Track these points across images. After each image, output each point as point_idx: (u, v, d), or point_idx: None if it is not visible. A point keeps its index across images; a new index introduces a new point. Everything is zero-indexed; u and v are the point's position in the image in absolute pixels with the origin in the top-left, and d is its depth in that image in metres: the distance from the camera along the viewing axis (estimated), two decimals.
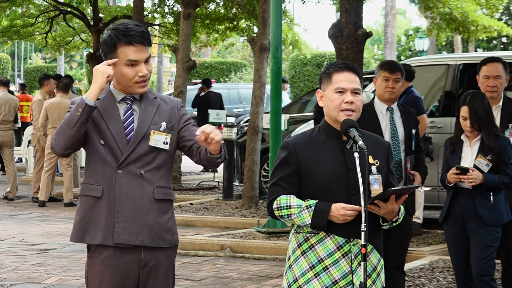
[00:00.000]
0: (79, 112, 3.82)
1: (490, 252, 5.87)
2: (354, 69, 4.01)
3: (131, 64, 3.93)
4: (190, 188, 14.94)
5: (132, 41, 3.91)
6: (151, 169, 3.97)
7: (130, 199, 3.94)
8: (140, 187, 3.95)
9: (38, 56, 58.70)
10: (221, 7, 18.33)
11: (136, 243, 3.95)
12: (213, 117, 15.45)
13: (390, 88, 6.21)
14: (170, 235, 4.04)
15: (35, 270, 8.39)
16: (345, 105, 3.93)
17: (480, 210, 5.88)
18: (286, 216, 3.93)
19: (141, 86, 3.97)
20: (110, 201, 3.94)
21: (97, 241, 3.94)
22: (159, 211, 4.00)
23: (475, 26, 16.53)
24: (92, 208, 3.96)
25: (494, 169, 5.90)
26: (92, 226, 3.96)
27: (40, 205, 13.29)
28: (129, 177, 3.94)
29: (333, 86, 3.97)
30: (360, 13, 8.55)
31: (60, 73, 35.57)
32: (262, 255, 9.15)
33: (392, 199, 3.85)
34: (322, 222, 3.85)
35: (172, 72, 43.19)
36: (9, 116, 14.35)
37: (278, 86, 9.93)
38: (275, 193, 3.97)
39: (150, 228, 3.97)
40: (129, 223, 3.94)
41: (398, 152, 6.15)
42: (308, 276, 3.92)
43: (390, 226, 4.00)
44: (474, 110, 5.88)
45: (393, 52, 36.01)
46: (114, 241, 3.93)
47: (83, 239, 3.98)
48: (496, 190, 5.89)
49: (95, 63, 17.56)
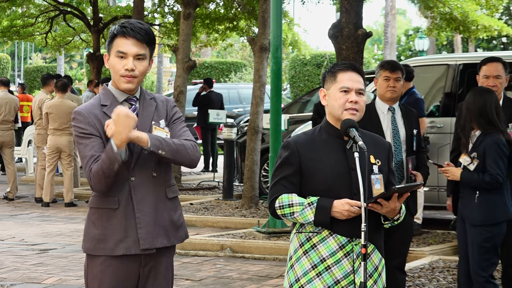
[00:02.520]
0: (116, 167, 3.76)
1: (482, 252, 5.82)
2: (359, 70, 4.03)
3: (120, 56, 3.91)
4: (190, 188, 14.94)
5: (126, 33, 3.91)
6: (161, 169, 3.97)
7: (147, 204, 3.93)
8: (154, 190, 3.95)
9: (38, 56, 58.68)
10: (221, 7, 18.34)
11: (158, 246, 3.95)
12: (213, 117, 15.47)
13: (391, 87, 6.21)
14: (182, 231, 4.06)
15: (35, 270, 8.39)
16: (349, 105, 3.94)
17: (465, 210, 5.90)
18: (289, 214, 3.92)
19: (126, 81, 3.92)
20: (127, 210, 3.91)
21: (120, 251, 3.90)
22: (172, 209, 4.02)
23: (475, 26, 16.53)
24: (109, 220, 3.92)
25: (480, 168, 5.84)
26: (111, 238, 3.91)
27: (44, 205, 13.30)
28: (142, 182, 3.92)
29: (338, 85, 3.98)
30: (360, 13, 8.55)
31: (60, 73, 35.60)
32: (262, 255, 9.15)
33: (395, 198, 3.86)
34: (325, 218, 3.85)
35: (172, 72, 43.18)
36: (10, 116, 14.35)
37: (278, 86, 9.93)
38: (276, 193, 3.96)
39: (166, 229, 3.98)
40: (151, 227, 3.93)
41: (399, 152, 6.14)
42: (310, 275, 3.92)
43: (392, 224, 4.00)
44: (466, 107, 5.92)
45: (393, 52, 36.00)
46: (140, 247, 3.90)
47: (104, 250, 3.93)
48: (477, 189, 5.83)
49: (95, 63, 17.60)
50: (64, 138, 13.26)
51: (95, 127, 3.87)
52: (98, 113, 3.91)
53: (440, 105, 10.61)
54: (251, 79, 32.50)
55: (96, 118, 3.89)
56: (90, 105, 3.95)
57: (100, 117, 3.90)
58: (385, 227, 4.04)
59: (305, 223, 3.92)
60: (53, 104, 13.25)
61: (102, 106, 3.94)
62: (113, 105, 3.89)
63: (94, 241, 3.95)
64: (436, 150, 10.08)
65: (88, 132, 3.86)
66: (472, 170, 5.84)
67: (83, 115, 3.89)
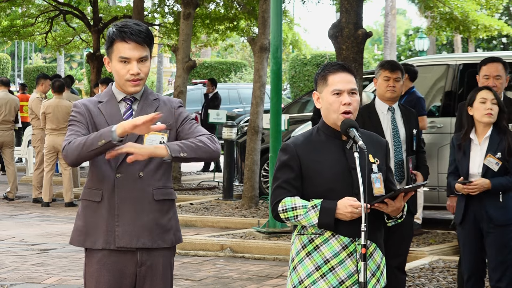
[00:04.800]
0: (101, 142, 3.77)
1: (506, 253, 5.76)
2: (349, 69, 4.00)
3: (123, 61, 3.92)
4: (190, 188, 14.94)
5: (126, 38, 3.91)
6: (150, 170, 3.96)
7: (130, 203, 3.93)
8: (139, 190, 3.94)
9: (38, 56, 58.70)
10: (221, 7, 18.34)
11: (138, 246, 3.95)
12: (213, 117, 15.48)
13: (391, 87, 6.21)
14: (171, 235, 4.03)
15: (35, 270, 8.39)
16: (343, 107, 3.92)
17: (489, 210, 5.80)
18: (292, 217, 3.91)
19: (133, 85, 3.95)
20: (110, 205, 3.93)
21: (99, 245, 3.94)
22: (160, 212, 3.99)
23: (475, 26, 16.53)
24: (92, 213, 3.96)
25: (503, 168, 5.79)
26: (93, 231, 3.96)
27: (44, 205, 13.31)
28: (128, 180, 3.93)
29: (329, 88, 3.95)
30: (360, 13, 8.55)
31: (60, 73, 35.60)
32: (262, 255, 9.15)
33: (401, 197, 3.86)
34: (329, 220, 3.84)
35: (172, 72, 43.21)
36: (10, 116, 14.35)
37: (278, 86, 9.93)
38: (279, 196, 3.95)
39: (150, 230, 3.96)
40: (130, 226, 3.93)
41: (399, 152, 6.15)
42: (314, 277, 3.91)
43: (395, 222, 4.00)
44: (497, 97, 5.84)
45: (393, 52, 36.00)
46: (115, 245, 3.93)
47: (84, 243, 3.98)
48: (506, 192, 5.82)
49: (95, 63, 17.59)
50: (62, 138, 13.25)
51: (84, 116, 3.96)
52: (92, 108, 3.99)
53: (440, 105, 10.61)
54: (251, 79, 32.49)
55: (88, 110, 3.98)
56: (87, 100, 4.04)
57: (93, 110, 3.97)
58: (386, 226, 4.05)
59: (309, 225, 3.91)
60: (50, 104, 13.25)
61: (99, 102, 4.01)
62: (109, 103, 3.97)
63: (77, 233, 4.01)
64: (436, 150, 10.08)
65: (78, 120, 3.95)
66: (496, 171, 5.78)
67: (77, 106, 4.00)
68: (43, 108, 13.26)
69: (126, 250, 3.96)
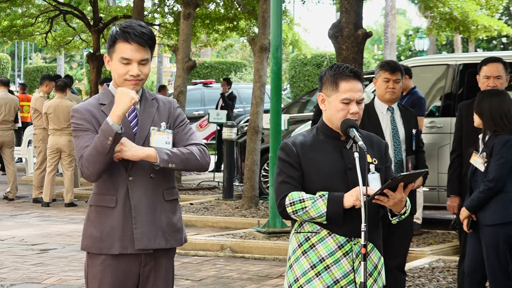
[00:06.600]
0: (110, 141, 3.75)
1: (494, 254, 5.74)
2: (360, 76, 4.00)
3: (125, 61, 3.91)
4: (190, 188, 14.95)
5: (129, 39, 3.89)
6: (160, 171, 3.95)
7: (144, 204, 3.93)
8: (152, 191, 3.95)
9: (38, 56, 58.69)
10: (221, 7, 18.35)
11: (155, 247, 3.95)
12: (213, 117, 15.48)
13: (391, 88, 6.22)
14: (180, 234, 4.06)
15: (35, 270, 8.39)
16: (350, 116, 3.94)
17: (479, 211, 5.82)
18: (301, 209, 3.89)
19: (132, 85, 3.92)
20: (125, 210, 3.92)
21: (116, 250, 3.91)
22: (170, 212, 4.01)
23: (475, 26, 16.54)
24: (107, 218, 3.93)
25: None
26: (108, 237, 3.92)
27: (44, 205, 13.32)
28: (140, 182, 3.93)
29: (339, 95, 3.95)
30: (360, 13, 8.55)
31: (60, 73, 35.64)
32: (262, 255, 9.15)
33: (400, 188, 3.83)
34: (337, 208, 3.83)
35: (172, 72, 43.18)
36: (10, 116, 14.35)
37: (278, 86, 9.93)
38: (285, 191, 3.94)
39: (163, 230, 3.97)
40: (147, 227, 3.93)
41: (399, 152, 6.15)
42: (309, 275, 3.92)
43: (399, 219, 3.97)
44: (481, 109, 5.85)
45: (393, 52, 36.00)
46: (135, 247, 3.91)
47: (101, 249, 3.94)
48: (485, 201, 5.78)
49: (95, 63, 17.59)
50: (64, 138, 13.27)
51: (91, 123, 3.90)
52: (95, 111, 3.93)
53: (440, 105, 10.61)
54: (251, 79, 32.50)
55: (92, 116, 3.92)
56: (88, 104, 3.98)
57: (97, 115, 3.92)
58: (384, 227, 4.05)
59: (317, 216, 3.88)
60: (51, 105, 13.25)
61: (101, 105, 3.96)
62: (111, 105, 3.90)
63: (92, 239, 3.96)
64: (436, 150, 10.08)
65: (84, 127, 3.89)
66: (482, 171, 5.76)
67: (80, 112, 3.92)
68: (45, 109, 13.27)
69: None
